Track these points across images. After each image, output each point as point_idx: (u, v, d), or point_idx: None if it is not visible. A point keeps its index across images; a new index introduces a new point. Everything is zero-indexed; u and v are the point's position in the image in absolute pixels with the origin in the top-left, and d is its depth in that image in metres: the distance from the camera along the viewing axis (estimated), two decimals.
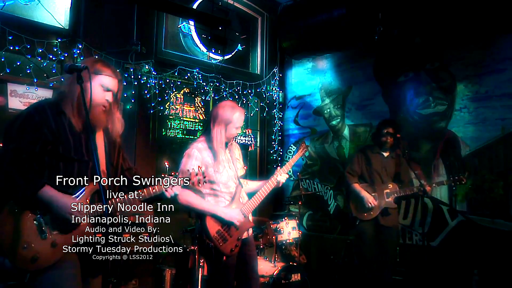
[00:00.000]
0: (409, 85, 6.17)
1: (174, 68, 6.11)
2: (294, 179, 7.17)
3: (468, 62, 5.63)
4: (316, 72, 7.40)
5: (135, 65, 5.65)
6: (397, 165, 4.81)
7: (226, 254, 3.22)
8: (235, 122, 3.34)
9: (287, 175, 3.67)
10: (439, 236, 5.69)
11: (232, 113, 3.35)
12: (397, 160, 4.82)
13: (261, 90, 7.26)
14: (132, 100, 5.71)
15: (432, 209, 5.76)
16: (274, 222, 5.16)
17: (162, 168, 6.01)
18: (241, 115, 3.37)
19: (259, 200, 3.50)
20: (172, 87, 6.13)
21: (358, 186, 4.83)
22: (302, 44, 7.12)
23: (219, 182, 3.32)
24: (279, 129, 7.59)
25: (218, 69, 6.71)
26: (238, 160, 3.55)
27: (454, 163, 5.64)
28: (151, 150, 6.07)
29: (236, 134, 3.42)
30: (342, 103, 7.00)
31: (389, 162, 4.84)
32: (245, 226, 3.37)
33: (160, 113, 6.13)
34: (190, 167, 3.18)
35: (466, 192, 5.51)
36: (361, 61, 6.74)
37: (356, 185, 4.84)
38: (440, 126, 5.86)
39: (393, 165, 4.83)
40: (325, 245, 6.69)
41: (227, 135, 3.37)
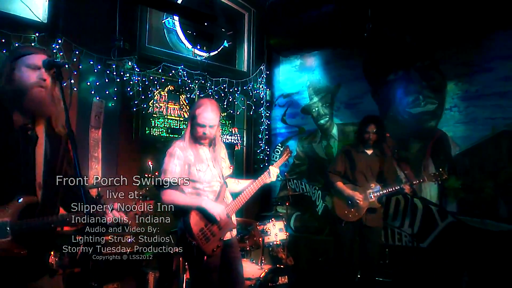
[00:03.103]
0: (399, 84, 6.19)
1: (158, 65, 6.06)
2: (282, 179, 7.00)
3: (459, 60, 5.65)
4: (304, 69, 7.40)
5: (117, 61, 5.60)
6: (382, 163, 4.78)
7: (208, 254, 3.23)
8: (198, 119, 3.31)
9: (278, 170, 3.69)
10: (429, 237, 5.72)
11: (195, 109, 3.35)
12: (381, 157, 4.79)
13: (248, 88, 7.24)
14: (114, 98, 5.66)
15: (422, 210, 5.78)
16: (260, 224, 5.15)
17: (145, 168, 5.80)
18: (205, 112, 3.31)
19: (244, 200, 3.50)
20: (156, 85, 6.10)
21: (342, 184, 4.80)
22: (290, 40, 7.11)
23: (203, 181, 3.34)
24: (266, 128, 7.57)
25: (203, 66, 6.68)
26: (223, 159, 3.56)
27: (444, 162, 5.65)
28: (134, 149, 6.05)
29: (201, 133, 3.35)
30: (330, 101, 7.00)
31: (373, 160, 4.81)
32: (227, 227, 3.38)
33: (143, 111, 6.09)
34: (172, 166, 3.28)
35: (456, 192, 5.57)
36: (350, 58, 6.74)
37: (340, 184, 4.81)
38: (430, 125, 5.88)
39: (377, 163, 4.80)
40: (313, 246, 6.68)
41: (195, 133, 3.36)
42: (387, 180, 4.74)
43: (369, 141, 4.74)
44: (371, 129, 4.72)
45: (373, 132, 4.71)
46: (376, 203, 4.68)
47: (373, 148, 4.82)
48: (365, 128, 4.76)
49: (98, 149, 5.64)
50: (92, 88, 5.46)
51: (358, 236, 4.75)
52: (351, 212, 4.70)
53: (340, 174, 4.88)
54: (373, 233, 4.73)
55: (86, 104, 5.51)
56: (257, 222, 5.16)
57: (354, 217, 4.70)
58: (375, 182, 4.72)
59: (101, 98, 5.61)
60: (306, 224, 7.11)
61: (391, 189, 4.60)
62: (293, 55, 7.47)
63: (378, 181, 4.73)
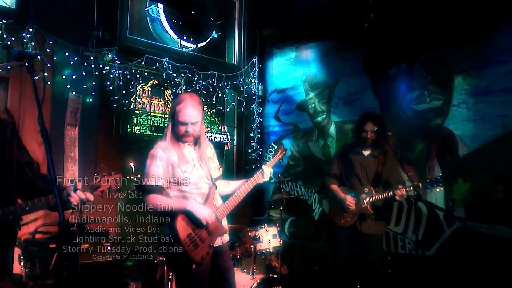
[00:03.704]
0: (401, 78, 6.17)
1: (141, 57, 6.07)
2: (275, 182, 7.16)
3: (467, 53, 5.62)
4: (300, 63, 7.39)
5: (96, 53, 5.61)
6: (380, 164, 4.71)
7: (196, 261, 3.20)
8: (179, 116, 3.30)
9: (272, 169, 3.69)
10: (435, 245, 5.69)
11: (175, 105, 3.35)
12: (380, 158, 4.72)
13: (239, 83, 7.26)
14: (93, 93, 5.67)
15: (427, 215, 5.75)
16: (252, 229, 5.16)
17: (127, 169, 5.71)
18: (186, 108, 3.29)
19: (235, 203, 3.50)
20: (138, 78, 6.12)
21: (336, 187, 4.81)
22: (284, 31, 7.11)
23: (189, 183, 3.32)
24: (258, 125, 7.58)
25: (190, 58, 6.70)
26: (211, 159, 3.55)
27: (451, 164, 5.64)
28: (114, 149, 6.06)
29: (183, 131, 3.33)
30: (328, 97, 7.00)
31: (369, 162, 4.75)
32: (218, 232, 3.36)
33: (124, 107, 6.09)
34: (155, 169, 3.25)
35: (464, 196, 5.53)
36: (349, 51, 6.71)
37: (334, 186, 4.82)
38: (435, 123, 5.85)
39: (373, 165, 4.73)
40: (309, 254, 6.68)
41: (176, 132, 3.35)
42: (390, 184, 4.66)
43: (368, 140, 4.67)
44: (370, 127, 4.65)
45: (372, 130, 4.64)
46: (369, 209, 4.60)
47: (372, 148, 4.75)
48: (363, 126, 4.69)
49: (75, 149, 5.64)
50: (67, 82, 5.45)
51: (357, 244, 4.71)
52: (344, 218, 4.68)
53: (336, 176, 4.88)
54: (371, 241, 4.67)
55: (61, 99, 5.51)
56: (248, 228, 5.17)
57: (346, 222, 4.67)
58: (370, 186, 4.65)
59: (77, 93, 5.62)
60: (301, 230, 7.08)
61: (383, 195, 4.53)
62: (287, 47, 7.47)
63: (374, 184, 4.66)
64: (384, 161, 4.71)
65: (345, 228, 4.68)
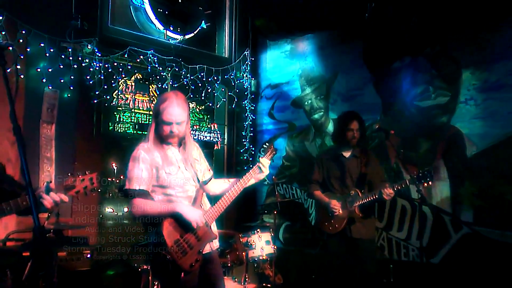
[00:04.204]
0: (405, 73, 6.16)
1: (123, 49, 6.08)
2: (269, 184, 7.13)
3: (476, 45, 5.58)
4: (295, 55, 7.39)
5: (74, 44, 5.59)
6: (363, 165, 4.77)
7: (185, 269, 3.19)
8: (163, 115, 3.31)
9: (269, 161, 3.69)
10: (440, 252, 5.67)
11: (159, 104, 3.37)
12: (362, 159, 4.79)
13: (229, 77, 7.28)
14: (71, 87, 5.65)
15: (432, 220, 5.72)
16: (244, 235, 5.20)
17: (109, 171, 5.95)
18: (170, 107, 3.30)
19: (225, 205, 3.49)
20: (120, 72, 6.10)
21: (319, 193, 4.87)
22: (278, 22, 7.11)
23: (174, 186, 3.34)
24: (250, 123, 7.59)
25: (177, 51, 6.72)
26: (197, 161, 3.56)
27: (458, 165, 5.62)
28: (95, 149, 6.05)
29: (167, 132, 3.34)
30: (325, 93, 6.99)
31: (352, 164, 4.82)
32: (207, 237, 3.37)
33: (106, 104, 6.09)
34: (138, 172, 3.26)
35: (472, 199, 5.52)
36: (349, 43, 6.71)
37: (317, 192, 4.89)
38: (441, 121, 5.83)
39: (356, 167, 4.80)
40: (305, 262, 6.61)
41: (160, 132, 3.37)
42: (374, 185, 4.72)
43: (353, 139, 4.75)
44: (354, 126, 4.73)
45: (357, 129, 4.73)
46: (357, 212, 4.65)
47: (352, 149, 4.83)
48: (349, 126, 4.76)
49: (51, 149, 5.60)
50: (43, 76, 5.42)
51: (348, 251, 4.74)
52: (331, 224, 4.72)
53: (318, 183, 4.95)
54: (364, 246, 4.70)
55: (36, 94, 5.48)
56: (239, 234, 5.18)
57: (334, 229, 4.71)
58: (355, 188, 4.71)
59: (54, 88, 5.60)
60: (297, 236, 7.07)
61: (370, 198, 4.56)
62: (282, 39, 7.49)
63: (359, 186, 4.72)
64: (367, 161, 4.78)
65: (334, 235, 4.72)
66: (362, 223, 4.69)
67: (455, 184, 5.61)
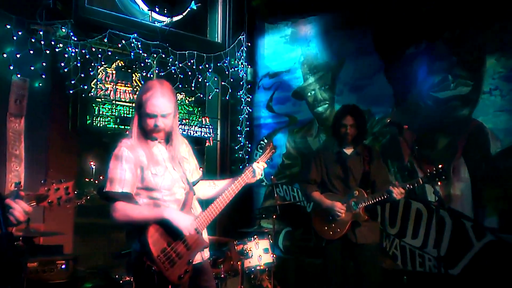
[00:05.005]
0: (421, 60, 6.13)
1: (103, 33, 6.04)
2: (267, 184, 7.13)
3: (502, 28, 5.56)
4: (297, 40, 7.36)
5: (46, 26, 5.54)
6: (366, 163, 4.79)
7: (173, 282, 3.16)
8: (146, 107, 3.26)
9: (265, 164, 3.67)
10: (461, 262, 5.64)
11: (141, 94, 3.34)
12: (365, 156, 4.81)
13: (223, 65, 7.26)
14: (43, 75, 5.61)
15: (451, 225, 5.73)
16: (239, 243, 5.22)
17: (86, 170, 6.02)
18: (155, 97, 3.27)
19: (219, 210, 3.46)
20: (99, 59, 6.07)
21: (319, 194, 4.84)
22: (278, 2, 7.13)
23: (161, 188, 3.31)
24: (246, 117, 7.58)
25: (164, 35, 6.66)
26: (185, 159, 3.54)
27: (481, 163, 5.61)
28: (70, 145, 6.03)
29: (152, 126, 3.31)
30: (331, 82, 6.96)
31: (354, 161, 4.83)
32: (197, 246, 3.33)
33: (83, 94, 6.04)
34: (121, 173, 3.22)
35: (497, 202, 5.48)
36: (358, 26, 6.70)
37: (316, 194, 4.85)
38: (462, 114, 5.83)
39: (359, 165, 4.81)
40: (308, 272, 6.61)
41: (144, 126, 3.33)
42: (376, 185, 4.75)
43: (347, 136, 4.79)
44: (348, 121, 4.75)
45: (351, 125, 4.75)
46: (362, 214, 4.64)
47: (353, 145, 4.86)
48: (341, 121, 4.80)
49: (20, 145, 5.58)
50: (10, 62, 5.37)
51: (350, 259, 4.76)
52: (332, 228, 4.69)
53: (316, 183, 4.93)
54: (366, 253, 4.68)
55: (2, 83, 5.45)
56: (234, 241, 5.22)
57: (335, 234, 4.67)
58: (359, 188, 4.70)
59: (23, 76, 5.56)
60: (299, 243, 7.02)
61: (378, 198, 4.55)
62: (282, 21, 7.48)
63: (363, 186, 4.73)
64: (370, 159, 4.80)
65: (333, 240, 4.69)
66: (367, 226, 4.68)
67: (477, 186, 5.58)
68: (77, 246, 5.73)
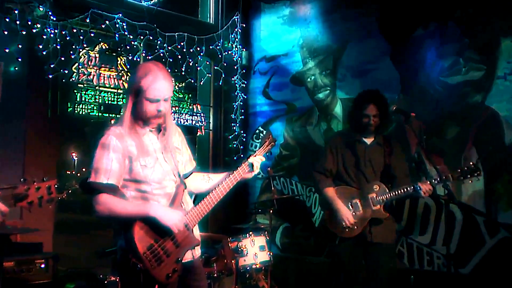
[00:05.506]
0: (430, 42, 6.10)
1: (84, 12, 6.03)
2: (264, 177, 7.07)
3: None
4: (296, 21, 7.37)
5: (22, 4, 5.55)
6: (387, 154, 4.73)
7: (160, 281, 3.15)
8: (148, 92, 3.22)
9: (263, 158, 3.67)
10: (472, 260, 5.64)
11: (140, 79, 3.27)
12: (386, 147, 4.75)
13: (216, 48, 7.26)
14: (19, 59, 5.59)
15: (462, 221, 5.73)
16: (233, 240, 5.25)
17: (68, 162, 6.08)
18: (157, 81, 3.24)
19: (212, 205, 3.42)
20: (81, 41, 6.07)
21: (332, 191, 4.73)
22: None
23: (150, 181, 3.29)
24: (241, 104, 7.58)
25: (152, 15, 6.68)
26: (178, 150, 3.51)
27: (494, 154, 5.58)
28: (50, 135, 6.02)
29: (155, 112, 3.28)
30: (332, 67, 6.96)
31: (375, 152, 4.75)
32: (188, 243, 3.32)
33: (63, 79, 6.03)
34: (107, 162, 3.20)
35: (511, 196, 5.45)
36: (362, 6, 6.67)
37: (329, 191, 4.74)
38: (474, 100, 5.80)
39: (380, 156, 4.73)
40: (307, 271, 6.52)
41: (142, 113, 3.28)
42: (397, 179, 4.68)
43: (370, 127, 4.67)
44: (371, 111, 4.62)
45: (374, 115, 4.62)
46: (383, 211, 4.58)
47: (375, 135, 4.77)
48: (364, 111, 4.66)
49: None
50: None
51: (364, 258, 4.69)
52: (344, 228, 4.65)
53: (331, 174, 4.83)
54: (382, 253, 4.63)
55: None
56: (228, 238, 5.24)
57: (351, 231, 4.59)
58: (379, 182, 4.64)
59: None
60: (297, 240, 7.05)
61: (401, 191, 4.49)
62: (280, 0, 7.45)
63: (383, 180, 4.66)
64: (391, 151, 4.74)
65: (348, 238, 4.63)
66: (385, 224, 4.63)
67: (490, 178, 5.52)
68: (58, 244, 5.69)
